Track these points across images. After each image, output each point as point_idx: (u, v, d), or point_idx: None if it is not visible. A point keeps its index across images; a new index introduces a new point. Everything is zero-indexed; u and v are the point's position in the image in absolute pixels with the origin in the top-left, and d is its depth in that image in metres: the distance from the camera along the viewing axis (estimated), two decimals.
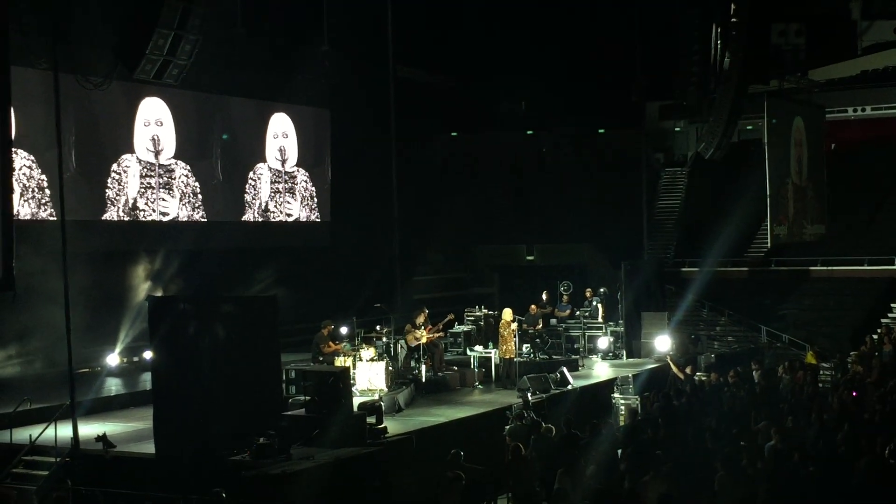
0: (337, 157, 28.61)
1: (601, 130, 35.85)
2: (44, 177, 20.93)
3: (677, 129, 36.85)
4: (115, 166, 22.71)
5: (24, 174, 20.64)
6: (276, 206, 26.89)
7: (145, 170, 23.26)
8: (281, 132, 27.16)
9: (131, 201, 22.96)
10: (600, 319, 24.71)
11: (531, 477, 13.49)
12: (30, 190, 20.84)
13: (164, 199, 23.68)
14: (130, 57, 21.45)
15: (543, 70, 32.27)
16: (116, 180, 22.71)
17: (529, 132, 35.73)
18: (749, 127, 34.15)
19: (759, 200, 30.01)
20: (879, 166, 34.09)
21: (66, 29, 19.07)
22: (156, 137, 23.50)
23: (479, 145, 34.01)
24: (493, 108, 33.94)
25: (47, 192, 20.98)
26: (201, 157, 24.66)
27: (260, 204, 26.40)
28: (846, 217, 32.84)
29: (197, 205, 24.53)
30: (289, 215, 27.34)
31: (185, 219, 24.23)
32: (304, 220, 27.85)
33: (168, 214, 23.80)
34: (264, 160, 26.62)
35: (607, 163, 34.36)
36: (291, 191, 27.41)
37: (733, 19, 30.29)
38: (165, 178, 23.70)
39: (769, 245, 30.89)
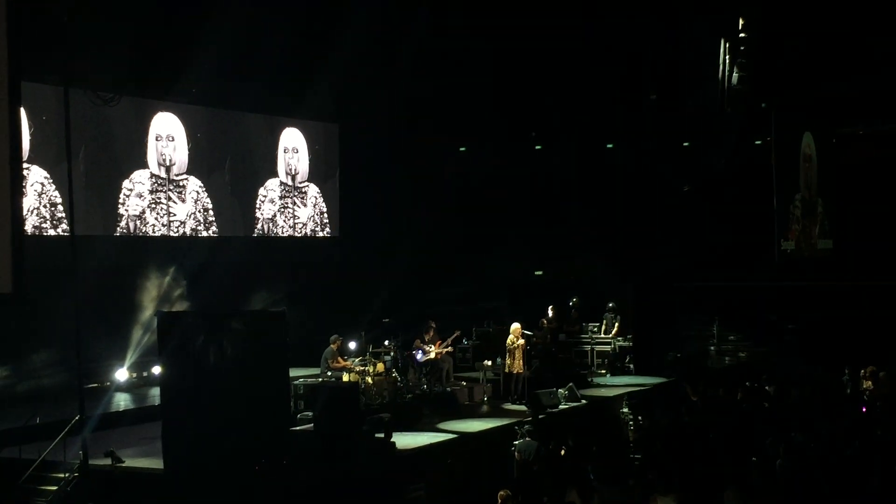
0: (346, 172, 28.68)
1: (609, 145, 35.83)
2: (57, 192, 21.01)
3: (685, 143, 36.79)
4: (126, 182, 22.78)
5: (35, 190, 20.72)
6: (285, 221, 26.94)
7: (156, 185, 23.34)
8: (291, 147, 27.25)
9: (142, 216, 23.03)
10: (612, 335, 24.71)
11: (540, 492, 13.47)
12: (44, 205, 20.92)
13: (174, 214, 23.74)
14: (141, 73, 21.68)
15: (552, 84, 32.24)
16: (128, 196, 22.78)
17: (538, 147, 35.72)
18: (757, 142, 34.09)
19: (767, 215, 29.94)
20: (889, 182, 33.97)
21: (78, 45, 19.15)
22: (167, 152, 23.59)
23: (487, 160, 33.97)
24: (501, 124, 33.89)
25: (60, 207, 21.05)
26: (211, 172, 24.74)
27: (270, 219, 26.45)
28: (855, 232, 32.71)
29: (208, 220, 24.59)
30: (298, 230, 27.39)
31: (196, 234, 24.28)
32: (314, 235, 27.91)
33: (178, 229, 23.86)
34: (275, 175, 26.70)
35: (615, 177, 34.28)
36: (302, 206, 27.47)
37: (742, 34, 30.31)
38: (177, 193, 23.78)
39: (777, 260, 30.82)
